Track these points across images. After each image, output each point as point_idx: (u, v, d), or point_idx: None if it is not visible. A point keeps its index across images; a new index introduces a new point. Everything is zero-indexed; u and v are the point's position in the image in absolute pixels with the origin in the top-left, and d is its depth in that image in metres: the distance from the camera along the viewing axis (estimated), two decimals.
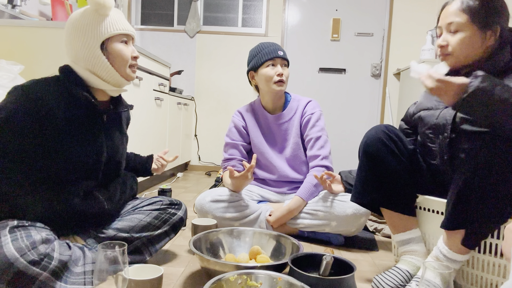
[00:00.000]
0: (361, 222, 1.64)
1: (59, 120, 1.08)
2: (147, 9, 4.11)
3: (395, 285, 1.18)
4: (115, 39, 1.15)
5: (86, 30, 1.11)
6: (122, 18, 1.18)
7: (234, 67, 4.02)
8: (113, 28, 1.13)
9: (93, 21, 1.11)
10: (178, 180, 3.37)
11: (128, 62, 1.18)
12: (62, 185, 1.11)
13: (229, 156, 1.87)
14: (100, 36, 1.11)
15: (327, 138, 1.84)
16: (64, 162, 1.10)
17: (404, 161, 1.27)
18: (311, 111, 1.85)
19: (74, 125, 1.12)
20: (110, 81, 1.17)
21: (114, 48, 1.15)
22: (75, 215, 1.14)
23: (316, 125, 1.83)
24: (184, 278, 1.25)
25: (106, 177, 1.23)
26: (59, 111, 1.08)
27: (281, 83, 1.78)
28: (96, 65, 1.13)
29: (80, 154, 1.12)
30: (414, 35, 3.81)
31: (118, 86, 1.20)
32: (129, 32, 1.18)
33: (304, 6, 3.96)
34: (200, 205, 1.71)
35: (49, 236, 1.02)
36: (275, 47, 1.80)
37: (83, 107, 1.14)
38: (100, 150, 1.19)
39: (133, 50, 1.20)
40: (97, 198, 1.19)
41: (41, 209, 1.07)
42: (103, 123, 1.21)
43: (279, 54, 1.78)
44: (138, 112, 2.49)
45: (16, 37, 1.94)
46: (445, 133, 1.21)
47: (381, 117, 3.95)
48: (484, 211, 1.04)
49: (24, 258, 0.92)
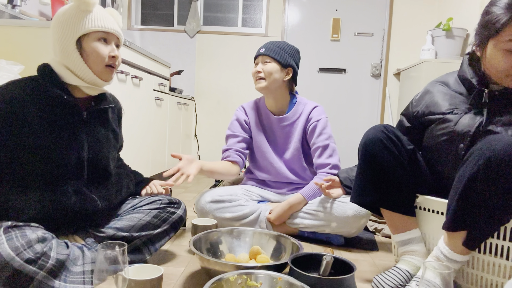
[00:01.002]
0: (362, 223, 1.64)
1: (35, 119, 1.08)
2: (147, 9, 4.11)
3: (395, 285, 1.18)
4: (92, 36, 1.13)
5: (64, 25, 1.11)
6: (105, 17, 1.15)
7: (234, 67, 4.01)
8: (91, 24, 1.11)
9: (73, 16, 1.11)
10: None
11: (104, 61, 1.15)
12: (52, 186, 1.11)
13: (226, 146, 1.87)
14: (76, 32, 1.11)
15: (335, 146, 1.82)
16: (46, 161, 1.10)
17: (403, 161, 1.27)
18: (317, 117, 1.81)
19: (51, 123, 1.11)
20: (83, 78, 1.15)
21: (89, 45, 1.13)
22: (68, 215, 1.13)
23: (323, 133, 1.80)
24: (184, 278, 1.25)
25: (94, 175, 1.21)
26: (34, 110, 1.08)
27: (259, 79, 1.78)
28: (70, 61, 1.13)
29: (60, 152, 1.11)
30: (414, 35, 3.81)
31: (93, 85, 1.18)
32: (109, 30, 1.15)
33: (304, 6, 3.96)
34: (200, 206, 1.72)
35: (45, 235, 1.01)
36: (262, 45, 1.81)
37: (59, 105, 1.13)
38: (81, 147, 1.17)
39: (112, 49, 1.17)
40: (89, 196, 1.17)
41: (34, 210, 1.07)
42: (82, 120, 1.18)
43: (260, 52, 1.79)
44: (138, 112, 2.49)
45: (16, 37, 1.94)
46: (463, 143, 1.18)
47: (381, 117, 3.95)
48: (486, 212, 1.03)
49: (20, 257, 0.92)
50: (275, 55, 1.77)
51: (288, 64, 1.79)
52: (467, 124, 1.19)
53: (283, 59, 1.78)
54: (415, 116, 1.36)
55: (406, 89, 3.54)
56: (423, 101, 1.35)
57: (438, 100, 1.30)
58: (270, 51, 1.77)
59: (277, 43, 1.81)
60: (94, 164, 1.21)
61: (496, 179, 1.00)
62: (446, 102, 1.27)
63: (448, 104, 1.26)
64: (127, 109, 2.31)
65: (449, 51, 3.17)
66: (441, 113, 1.26)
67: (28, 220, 1.04)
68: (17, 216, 1.04)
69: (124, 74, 2.25)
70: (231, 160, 1.83)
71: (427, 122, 1.31)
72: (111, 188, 1.27)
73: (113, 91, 1.45)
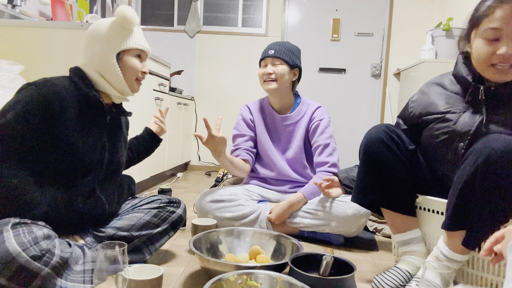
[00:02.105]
0: (361, 222, 1.64)
1: (71, 116, 1.13)
2: (147, 9, 4.11)
3: (395, 285, 1.18)
4: (131, 52, 1.24)
5: (107, 39, 1.20)
6: (141, 35, 1.28)
7: (234, 67, 4.01)
8: (132, 42, 1.23)
9: (116, 32, 1.21)
10: (178, 180, 3.37)
11: (136, 75, 1.27)
12: (67, 184, 1.14)
13: (234, 147, 1.90)
14: (119, 47, 1.21)
15: (336, 146, 1.85)
16: (70, 159, 1.13)
17: (404, 161, 1.27)
18: (319, 117, 1.85)
19: (83, 122, 1.17)
20: (117, 87, 1.24)
21: (128, 60, 1.24)
22: (77, 215, 1.16)
23: (325, 132, 1.83)
24: (184, 278, 1.25)
25: (106, 177, 1.26)
26: (72, 108, 1.14)
27: (269, 81, 1.79)
28: (108, 71, 1.21)
29: (86, 152, 1.16)
30: (414, 35, 3.81)
31: (122, 94, 1.27)
32: (144, 49, 1.28)
33: (304, 6, 3.96)
34: (200, 205, 1.72)
35: (50, 233, 1.03)
36: (269, 47, 1.82)
37: (92, 106, 1.20)
38: (103, 149, 1.23)
39: (144, 65, 1.29)
40: (99, 199, 1.21)
41: (46, 207, 1.08)
42: (106, 124, 1.25)
43: (269, 54, 1.79)
44: (138, 112, 2.49)
45: (16, 37, 1.94)
46: (465, 140, 1.18)
47: (381, 117, 3.95)
48: (485, 212, 1.03)
49: (26, 253, 0.93)
50: (285, 57, 1.79)
51: (296, 65, 1.83)
52: (467, 122, 1.18)
53: (292, 60, 1.80)
54: (412, 118, 1.35)
55: (406, 89, 3.54)
56: (419, 102, 1.34)
57: (434, 100, 1.29)
58: (280, 53, 1.79)
59: (284, 44, 1.83)
60: (111, 166, 1.26)
61: (494, 178, 1.00)
62: (443, 101, 1.26)
63: (445, 104, 1.25)
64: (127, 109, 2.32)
65: (449, 51, 3.17)
66: (439, 113, 1.25)
67: (38, 217, 1.06)
68: (30, 210, 1.05)
69: None
70: (243, 159, 1.86)
71: (424, 123, 1.30)
72: (115, 191, 1.32)
73: None
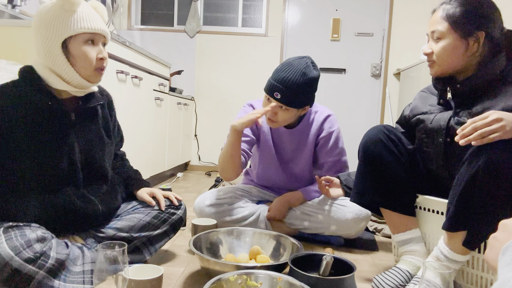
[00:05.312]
0: (361, 226, 1.64)
1: (19, 126, 1.05)
2: (147, 9, 4.11)
3: (395, 285, 1.18)
4: (78, 38, 1.07)
5: (47, 26, 1.04)
6: (91, 16, 1.09)
7: (234, 67, 4.01)
8: (77, 26, 1.05)
9: (56, 17, 1.04)
10: (178, 180, 3.36)
11: (92, 65, 1.10)
12: (51, 188, 1.10)
13: None
14: (61, 34, 1.04)
15: (346, 159, 1.74)
16: (39, 167, 1.08)
17: (403, 161, 1.27)
18: (328, 129, 1.71)
19: (37, 130, 1.07)
20: (71, 82, 1.10)
21: (76, 48, 1.07)
22: (70, 217, 1.13)
23: (335, 147, 1.70)
24: (184, 278, 1.25)
25: (90, 176, 1.20)
26: (17, 118, 1.05)
27: (271, 122, 1.59)
28: (55, 64, 1.07)
29: (50, 158, 1.09)
30: (414, 35, 3.81)
31: (81, 88, 1.13)
32: (96, 31, 1.08)
33: (304, 6, 3.96)
34: (199, 209, 1.70)
35: (45, 234, 1.01)
36: (275, 86, 1.51)
37: (44, 111, 1.08)
38: (72, 151, 1.14)
39: (100, 51, 1.11)
40: (89, 199, 1.17)
41: (36, 212, 1.07)
42: (71, 123, 1.14)
43: (275, 97, 1.51)
44: (138, 112, 2.49)
45: (16, 37, 1.94)
46: (440, 138, 1.22)
47: (381, 117, 3.95)
48: (486, 212, 1.03)
49: (20, 257, 0.92)
50: (294, 105, 1.54)
51: (305, 104, 1.59)
52: (439, 119, 1.23)
53: (301, 104, 1.57)
54: (406, 121, 1.41)
55: (406, 89, 3.54)
56: (410, 106, 1.41)
57: (418, 104, 1.36)
58: (288, 101, 1.51)
59: (294, 84, 1.50)
60: (89, 165, 1.19)
61: (495, 179, 1.00)
62: (425, 104, 1.33)
63: (425, 106, 1.32)
64: (127, 109, 2.32)
65: None
66: (419, 114, 1.32)
67: (30, 222, 1.04)
68: (19, 218, 1.04)
69: (124, 74, 2.24)
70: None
71: (413, 126, 1.36)
72: (109, 193, 1.26)
73: (113, 92, 1.44)
